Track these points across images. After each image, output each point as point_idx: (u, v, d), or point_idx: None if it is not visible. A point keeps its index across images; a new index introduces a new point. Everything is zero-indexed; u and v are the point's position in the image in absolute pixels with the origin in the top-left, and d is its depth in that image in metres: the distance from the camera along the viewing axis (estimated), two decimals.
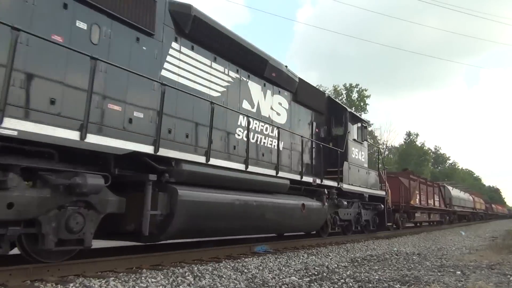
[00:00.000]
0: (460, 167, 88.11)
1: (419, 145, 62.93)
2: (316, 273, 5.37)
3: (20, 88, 4.39)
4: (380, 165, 15.15)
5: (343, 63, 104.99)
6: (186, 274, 4.92)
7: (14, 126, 3.90)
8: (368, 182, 12.73)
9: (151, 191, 5.46)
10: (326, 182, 10.01)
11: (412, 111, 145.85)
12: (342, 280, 4.78)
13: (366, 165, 13.08)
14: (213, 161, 6.48)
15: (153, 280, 4.46)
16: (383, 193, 13.80)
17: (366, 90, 47.24)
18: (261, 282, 4.58)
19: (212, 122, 6.59)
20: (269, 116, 8.96)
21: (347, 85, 47.53)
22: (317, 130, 11.00)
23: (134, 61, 5.76)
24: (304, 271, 5.51)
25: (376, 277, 5.03)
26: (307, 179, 9.29)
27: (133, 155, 5.24)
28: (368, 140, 15.93)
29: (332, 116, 11.69)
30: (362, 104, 47.01)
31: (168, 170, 5.80)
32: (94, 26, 5.26)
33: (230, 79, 7.87)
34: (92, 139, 4.66)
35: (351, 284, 4.59)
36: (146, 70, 5.81)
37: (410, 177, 20.18)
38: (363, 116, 47.20)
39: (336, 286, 4.52)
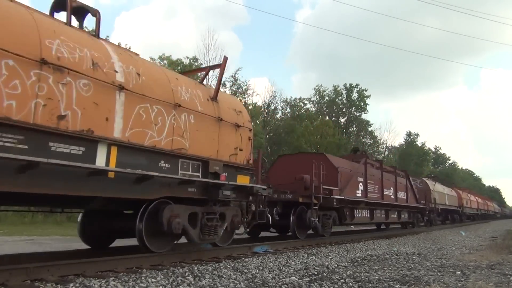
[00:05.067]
0: (460, 167, 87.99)
1: (419, 145, 62.84)
2: (316, 273, 5.37)
3: None
4: None
5: (343, 64, 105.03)
6: (186, 274, 4.91)
7: None
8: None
9: None
10: None
11: (413, 112, 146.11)
12: (342, 280, 4.78)
13: None
14: None
15: (153, 280, 4.46)
16: None
17: (366, 90, 47.26)
18: (261, 282, 4.58)
19: None
20: None
21: (347, 85, 47.55)
22: None
23: None
24: (304, 271, 5.51)
25: (376, 277, 5.03)
26: None
27: None
28: None
29: None
30: (362, 104, 47.02)
31: None
32: None
33: None
34: None
35: (351, 284, 4.59)
36: None
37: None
38: (363, 116, 47.38)
39: (336, 286, 4.52)
